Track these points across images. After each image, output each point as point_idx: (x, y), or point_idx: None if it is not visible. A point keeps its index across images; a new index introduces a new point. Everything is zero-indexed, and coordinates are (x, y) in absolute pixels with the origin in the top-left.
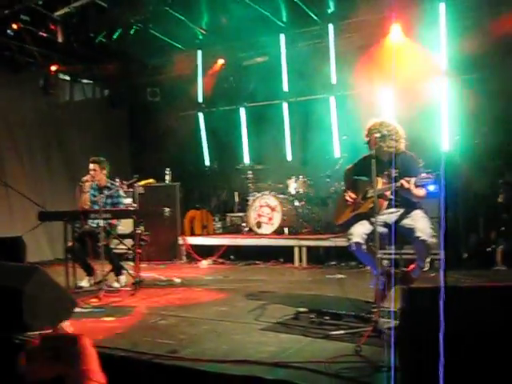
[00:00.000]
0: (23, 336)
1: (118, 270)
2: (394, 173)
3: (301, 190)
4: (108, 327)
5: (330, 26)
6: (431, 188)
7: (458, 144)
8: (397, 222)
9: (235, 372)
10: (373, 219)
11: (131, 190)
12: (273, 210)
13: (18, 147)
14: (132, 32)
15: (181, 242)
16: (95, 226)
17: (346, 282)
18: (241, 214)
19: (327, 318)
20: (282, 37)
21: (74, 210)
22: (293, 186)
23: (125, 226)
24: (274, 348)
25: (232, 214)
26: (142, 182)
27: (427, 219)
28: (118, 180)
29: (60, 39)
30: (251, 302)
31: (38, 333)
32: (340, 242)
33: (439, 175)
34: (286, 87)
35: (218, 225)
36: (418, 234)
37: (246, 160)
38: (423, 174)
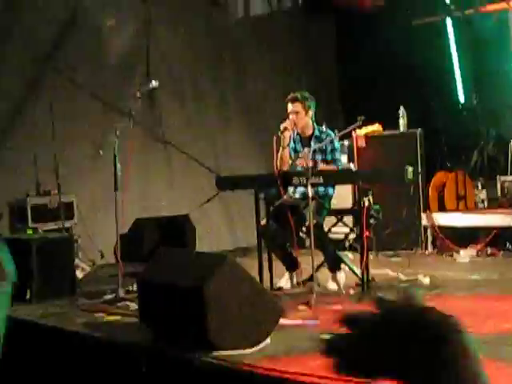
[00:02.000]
0: (209, 357)
1: (334, 264)
2: None
3: None
4: None
5: None
6: None
7: None
8: None
9: None
10: None
11: (346, 142)
12: None
13: (178, 86)
14: None
15: (425, 221)
16: (299, 196)
17: None
18: None
19: None
20: None
21: (268, 174)
22: None
23: (339, 197)
24: None
25: (506, 178)
26: (363, 130)
27: None
28: (326, 127)
29: None
30: None
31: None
32: None
33: None
34: None
35: (483, 195)
36: None
37: None
38: None
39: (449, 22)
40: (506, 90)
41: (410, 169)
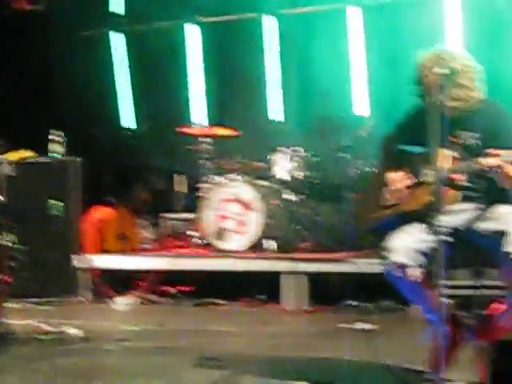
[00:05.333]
0: None
1: None
2: (469, 139)
3: (297, 174)
4: None
5: None
6: None
7: None
8: (472, 226)
9: None
10: (433, 223)
11: None
12: (247, 207)
13: None
14: None
15: (79, 263)
16: None
17: (377, 337)
18: (189, 216)
19: None
20: None
21: None
22: (282, 166)
23: None
24: None
25: (173, 215)
26: (12, 156)
27: None
28: None
29: None
30: (209, 372)
31: None
32: (367, 265)
33: None
34: None
35: (148, 234)
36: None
37: (199, 119)
38: None
39: (115, 36)
40: (177, 117)
41: (54, 203)
